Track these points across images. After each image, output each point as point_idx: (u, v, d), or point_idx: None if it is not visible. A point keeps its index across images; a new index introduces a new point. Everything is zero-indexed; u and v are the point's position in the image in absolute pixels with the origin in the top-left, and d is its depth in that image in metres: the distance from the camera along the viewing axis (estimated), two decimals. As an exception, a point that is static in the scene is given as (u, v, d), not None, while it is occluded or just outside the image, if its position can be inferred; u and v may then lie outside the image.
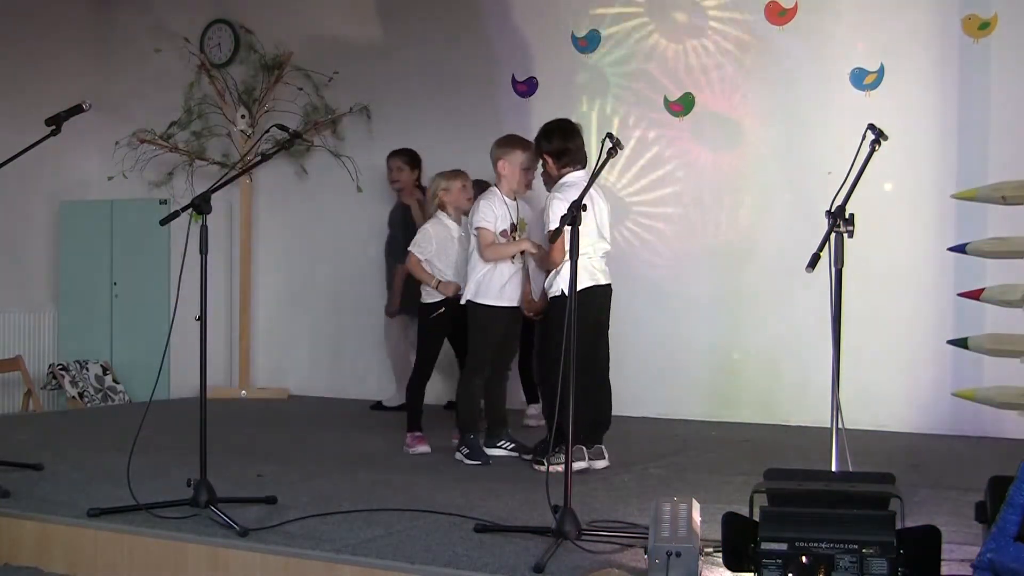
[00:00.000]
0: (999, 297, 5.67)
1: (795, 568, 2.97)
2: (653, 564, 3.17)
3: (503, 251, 5.36)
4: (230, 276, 8.72)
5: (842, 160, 4.11)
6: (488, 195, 5.45)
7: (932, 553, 2.98)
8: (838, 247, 3.81)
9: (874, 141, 4.05)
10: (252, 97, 8.52)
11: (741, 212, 7.15)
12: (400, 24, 8.33)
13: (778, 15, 7.04)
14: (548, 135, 5.22)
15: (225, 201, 8.47)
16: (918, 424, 6.55)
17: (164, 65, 8.85)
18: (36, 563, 4.02)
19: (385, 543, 3.66)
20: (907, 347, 6.64)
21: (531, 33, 7.84)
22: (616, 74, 7.53)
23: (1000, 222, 6.07)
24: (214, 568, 3.69)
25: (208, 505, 3.98)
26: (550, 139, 5.20)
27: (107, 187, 9.11)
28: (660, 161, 7.36)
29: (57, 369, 8.82)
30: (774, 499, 3.16)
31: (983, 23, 6.49)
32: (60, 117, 4.63)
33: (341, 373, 8.49)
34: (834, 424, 3.78)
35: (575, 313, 3.79)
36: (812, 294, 6.55)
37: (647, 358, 7.21)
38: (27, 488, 4.51)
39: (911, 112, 6.63)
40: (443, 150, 7.91)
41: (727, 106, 7.20)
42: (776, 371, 6.95)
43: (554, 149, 5.18)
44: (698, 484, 4.75)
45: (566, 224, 3.76)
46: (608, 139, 4.13)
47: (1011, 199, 5.64)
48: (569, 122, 5.27)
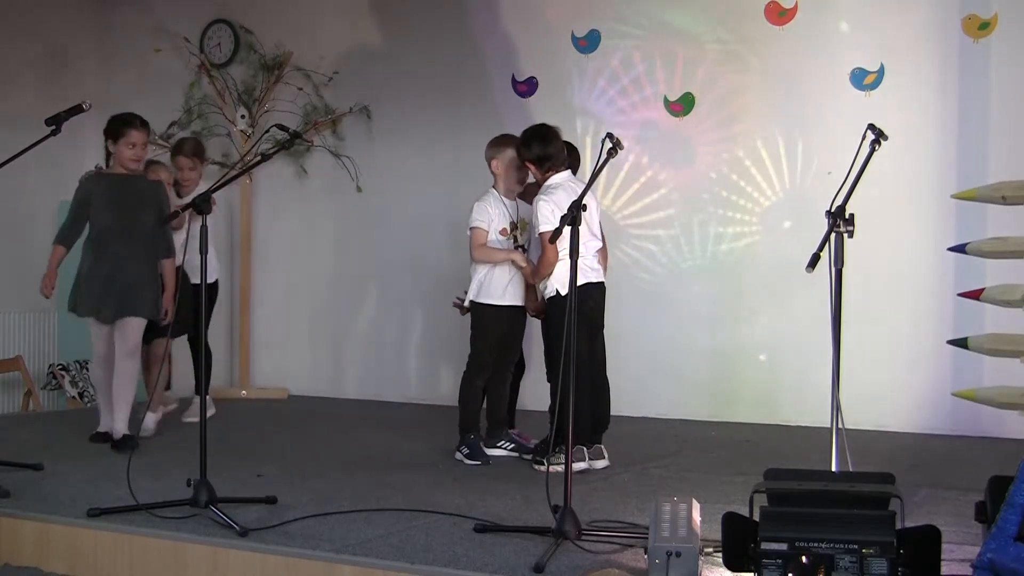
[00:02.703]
0: (999, 297, 5.67)
1: (795, 568, 2.97)
2: (653, 564, 3.17)
3: (492, 256, 5.37)
4: (230, 276, 8.71)
5: (842, 160, 4.11)
6: (484, 195, 5.47)
7: (932, 553, 2.98)
8: (838, 247, 3.81)
9: (874, 141, 4.05)
10: (252, 97, 8.52)
11: (741, 212, 7.15)
12: (400, 24, 8.33)
13: (778, 15, 7.04)
14: (527, 143, 5.24)
15: (225, 201, 8.46)
16: (918, 424, 6.56)
17: (164, 65, 8.85)
18: (36, 563, 4.02)
19: (385, 543, 3.66)
20: (907, 347, 6.64)
21: (531, 33, 7.84)
22: (616, 74, 7.53)
23: (1000, 222, 6.07)
24: (214, 568, 3.69)
25: (208, 505, 3.98)
26: (529, 146, 5.22)
27: (107, 187, 9.11)
28: (660, 161, 7.36)
29: (57, 369, 8.81)
30: (774, 499, 3.16)
31: (983, 23, 6.49)
32: (60, 117, 4.63)
33: (341, 373, 8.49)
34: (834, 424, 3.78)
35: (575, 312, 3.79)
36: (812, 294, 6.56)
37: (647, 358, 7.22)
38: (27, 488, 4.51)
39: (911, 112, 6.63)
40: (443, 150, 7.93)
41: (727, 106, 7.20)
42: (776, 371, 6.96)
43: (534, 156, 5.19)
44: (698, 484, 4.75)
45: (566, 224, 3.76)
46: (608, 139, 4.13)
47: (1011, 199, 5.64)
48: (546, 127, 5.27)
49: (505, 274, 5.39)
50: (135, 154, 5.53)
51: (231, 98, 8.59)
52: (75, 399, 8.67)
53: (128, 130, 5.52)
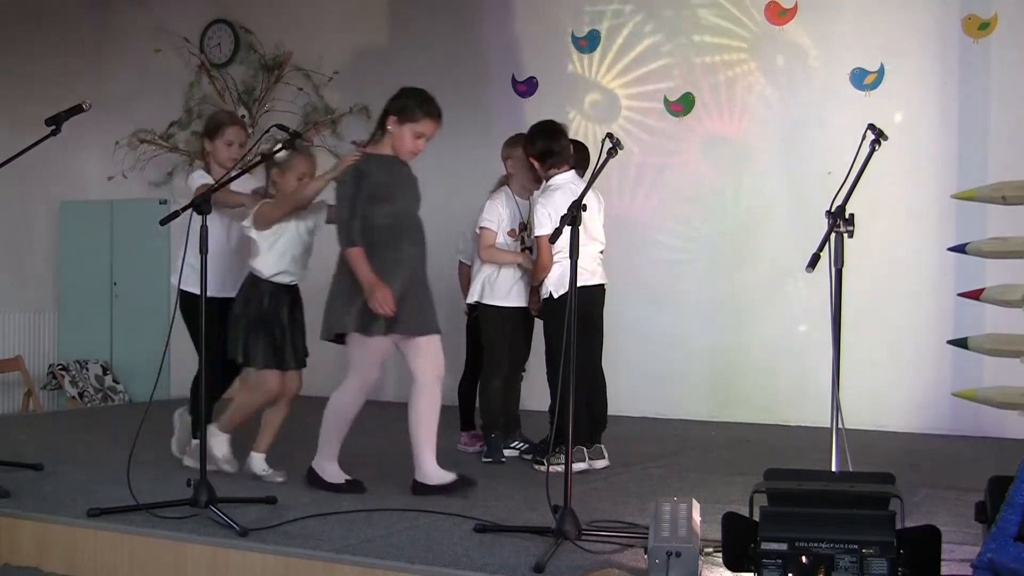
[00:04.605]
0: (999, 297, 5.67)
1: (795, 568, 2.97)
2: (653, 564, 3.17)
3: (499, 257, 5.37)
4: (230, 276, 8.71)
5: (842, 160, 4.11)
6: (497, 195, 5.46)
7: (932, 553, 2.98)
8: (838, 247, 3.81)
9: (874, 141, 4.04)
10: (252, 97, 8.52)
11: (741, 212, 7.15)
12: (400, 24, 8.33)
13: (778, 15, 7.04)
14: (532, 138, 5.23)
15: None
16: (918, 424, 6.56)
17: (164, 65, 8.85)
18: (36, 563, 4.02)
19: (385, 543, 3.66)
20: (907, 347, 6.65)
21: (531, 33, 7.84)
22: (616, 74, 7.53)
23: (1000, 222, 6.08)
24: (214, 568, 3.69)
25: (208, 505, 3.98)
26: (534, 142, 5.21)
27: (107, 187, 9.12)
28: (660, 161, 7.36)
29: (57, 369, 8.82)
30: (774, 499, 3.16)
31: (983, 23, 6.49)
32: (60, 117, 4.62)
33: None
34: (834, 424, 3.78)
35: (575, 313, 3.79)
36: (812, 294, 6.57)
37: (647, 358, 7.22)
38: (27, 488, 4.51)
39: (911, 112, 6.63)
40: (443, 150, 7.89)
41: (727, 106, 7.21)
42: (776, 371, 6.96)
43: (538, 151, 5.18)
44: (698, 484, 4.75)
45: (566, 224, 3.76)
46: (608, 139, 4.12)
47: (1011, 199, 5.65)
48: (553, 123, 5.26)
49: (511, 276, 5.39)
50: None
51: (231, 98, 8.59)
52: (75, 399, 8.67)
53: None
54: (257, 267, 4.75)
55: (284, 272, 4.79)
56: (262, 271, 4.75)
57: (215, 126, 5.18)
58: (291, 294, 4.87)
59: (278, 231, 4.73)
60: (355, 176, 4.47)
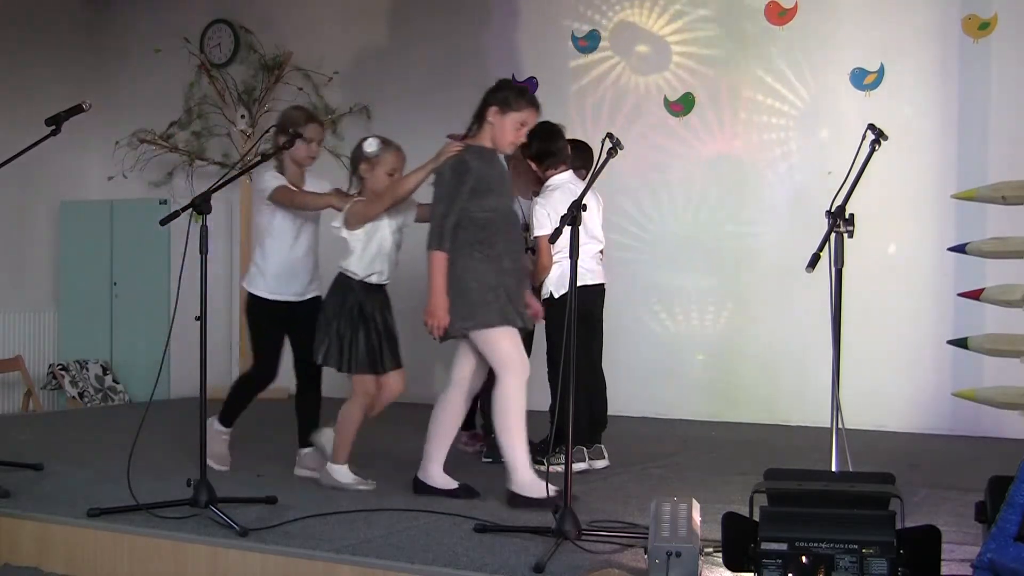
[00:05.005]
0: (999, 297, 5.67)
1: (795, 568, 2.97)
2: (653, 564, 3.17)
3: None
4: (230, 276, 8.71)
5: (842, 160, 4.11)
6: None
7: (932, 553, 2.98)
8: (838, 247, 3.81)
9: (874, 141, 4.04)
10: (252, 97, 8.52)
11: (741, 212, 7.15)
12: (400, 24, 8.33)
13: (778, 15, 7.04)
14: (529, 139, 5.21)
15: (225, 201, 8.46)
16: (918, 424, 6.56)
17: (164, 65, 8.85)
18: (36, 563, 4.02)
19: (385, 543, 3.66)
20: (907, 347, 6.64)
21: (531, 33, 7.84)
22: (616, 74, 7.53)
23: (1000, 222, 6.08)
24: (214, 568, 3.69)
25: (208, 505, 3.98)
26: (531, 143, 5.19)
27: (107, 187, 9.12)
28: (660, 161, 7.36)
29: (57, 369, 8.82)
30: (774, 499, 3.16)
31: (983, 23, 6.49)
32: (60, 117, 4.62)
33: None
34: (834, 424, 3.78)
35: (575, 313, 3.79)
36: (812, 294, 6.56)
37: (647, 358, 7.22)
38: (27, 488, 4.51)
39: (911, 112, 6.63)
40: (443, 150, 7.88)
41: (727, 106, 7.21)
42: (776, 371, 6.95)
43: (535, 151, 5.16)
44: (698, 484, 4.75)
45: (566, 224, 3.76)
46: (608, 139, 4.12)
47: (1011, 199, 5.65)
48: (550, 124, 5.22)
49: None
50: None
51: (231, 98, 8.59)
52: (75, 399, 8.67)
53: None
54: (351, 268, 4.60)
55: (377, 272, 4.65)
56: (356, 272, 4.59)
57: (293, 123, 4.97)
58: (382, 293, 4.75)
59: (371, 230, 4.57)
60: (457, 169, 4.36)
